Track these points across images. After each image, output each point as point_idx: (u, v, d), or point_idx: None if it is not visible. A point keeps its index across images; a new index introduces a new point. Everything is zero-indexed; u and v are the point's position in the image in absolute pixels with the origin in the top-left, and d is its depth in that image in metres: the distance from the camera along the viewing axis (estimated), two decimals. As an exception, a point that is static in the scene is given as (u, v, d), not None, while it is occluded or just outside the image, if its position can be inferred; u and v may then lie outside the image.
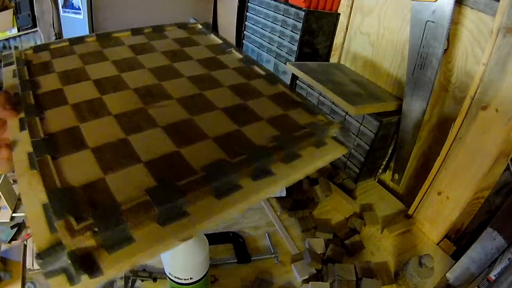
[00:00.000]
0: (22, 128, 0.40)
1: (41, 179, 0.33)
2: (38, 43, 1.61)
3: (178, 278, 0.51)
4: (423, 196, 0.79)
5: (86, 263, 0.27)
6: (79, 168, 0.35)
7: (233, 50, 0.57)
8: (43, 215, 0.31)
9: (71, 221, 0.29)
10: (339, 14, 1.02)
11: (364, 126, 0.84)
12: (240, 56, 0.56)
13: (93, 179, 0.34)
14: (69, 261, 0.27)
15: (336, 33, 1.05)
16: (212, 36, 0.63)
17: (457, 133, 0.69)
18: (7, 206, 0.86)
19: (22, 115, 0.42)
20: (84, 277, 0.27)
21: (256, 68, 0.52)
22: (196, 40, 0.61)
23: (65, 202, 0.31)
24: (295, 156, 0.36)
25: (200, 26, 0.67)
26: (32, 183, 0.34)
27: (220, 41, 0.61)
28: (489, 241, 0.65)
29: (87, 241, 0.28)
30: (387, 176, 0.97)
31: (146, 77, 0.49)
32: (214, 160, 0.34)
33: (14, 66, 0.51)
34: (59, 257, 0.27)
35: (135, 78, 0.49)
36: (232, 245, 0.70)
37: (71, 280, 0.27)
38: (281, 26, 1.08)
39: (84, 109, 0.43)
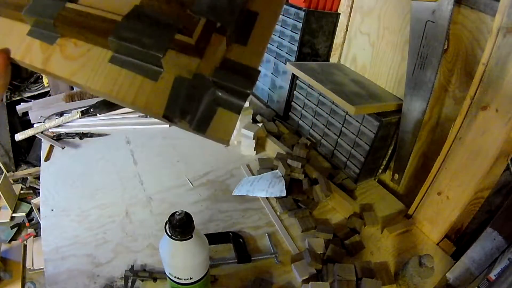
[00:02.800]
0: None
1: (81, 34, 0.25)
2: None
3: (178, 278, 0.51)
4: (423, 196, 0.79)
5: (238, 74, 0.23)
6: None
7: None
8: (123, 71, 0.24)
9: (180, 39, 0.23)
10: (339, 14, 1.02)
11: (364, 126, 0.84)
12: None
13: None
14: (217, 90, 0.22)
15: (336, 33, 1.04)
16: None
17: (457, 133, 0.69)
18: (7, 206, 0.87)
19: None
20: (247, 92, 0.23)
21: None
22: None
23: (145, 29, 0.24)
24: None
25: None
26: (65, 52, 0.26)
27: None
28: (489, 241, 0.65)
29: (218, 48, 0.24)
30: (387, 176, 0.97)
31: None
32: None
33: None
34: (196, 94, 0.23)
35: None
36: (232, 245, 0.70)
37: (234, 107, 0.23)
38: (281, 26, 1.08)
39: None
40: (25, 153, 1.97)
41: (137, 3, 0.26)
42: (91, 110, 1.02)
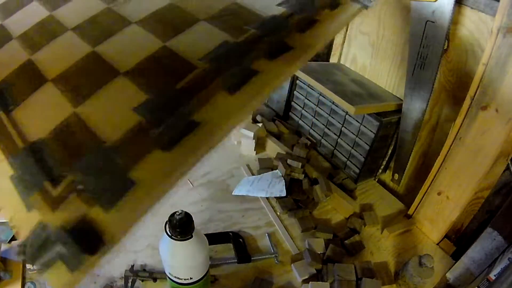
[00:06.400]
0: None
1: None
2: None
3: (178, 278, 0.51)
4: (423, 196, 0.79)
5: (83, 237, 0.21)
6: (42, 112, 0.28)
7: None
8: (15, 192, 0.25)
9: (47, 187, 0.24)
10: (339, 14, 1.02)
11: (364, 126, 0.84)
12: None
13: (62, 119, 0.26)
14: (61, 245, 0.21)
15: (336, 33, 1.04)
16: None
17: (457, 133, 0.69)
18: (7, 206, 0.85)
19: None
20: (85, 257, 0.21)
21: None
22: None
23: (33, 165, 0.25)
24: (311, 23, 0.29)
25: None
26: None
27: None
28: (489, 241, 0.65)
29: (74, 207, 0.22)
30: (387, 176, 0.97)
31: None
32: (216, 46, 0.27)
33: None
34: (47, 243, 0.22)
35: None
36: (232, 245, 0.70)
37: (70, 266, 0.21)
38: (281, 26, 1.08)
39: (33, 35, 0.33)
40: (25, 153, 1.97)
41: (41, 136, 0.26)
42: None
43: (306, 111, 1.05)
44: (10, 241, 0.77)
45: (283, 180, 0.83)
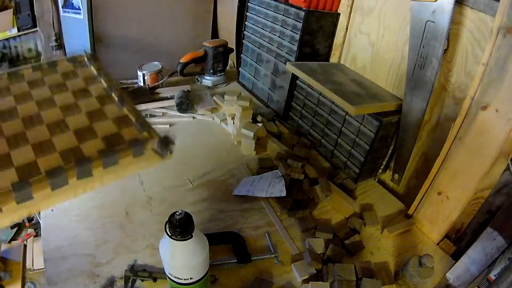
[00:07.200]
0: None
1: None
2: (38, 43, 1.61)
3: (178, 278, 0.51)
4: (423, 196, 0.79)
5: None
6: None
7: (102, 81, 0.64)
8: None
9: None
10: (339, 14, 1.02)
11: (364, 126, 0.84)
12: (105, 85, 0.63)
13: None
14: None
15: (336, 33, 1.05)
16: (92, 68, 0.69)
17: (457, 133, 0.69)
18: (7, 206, 0.86)
19: None
20: None
21: (113, 95, 0.60)
22: (77, 73, 0.68)
23: None
24: (113, 163, 0.48)
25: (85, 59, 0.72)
26: None
27: (95, 73, 0.67)
28: (489, 241, 0.65)
29: None
30: (387, 176, 0.97)
31: (30, 108, 0.59)
32: (54, 166, 0.46)
33: None
34: None
35: (26, 109, 0.58)
36: (232, 245, 0.70)
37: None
38: (281, 26, 1.08)
39: None
40: (25, 153, 1.96)
41: None
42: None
43: (306, 111, 1.05)
44: (10, 241, 0.77)
45: (283, 180, 0.83)
